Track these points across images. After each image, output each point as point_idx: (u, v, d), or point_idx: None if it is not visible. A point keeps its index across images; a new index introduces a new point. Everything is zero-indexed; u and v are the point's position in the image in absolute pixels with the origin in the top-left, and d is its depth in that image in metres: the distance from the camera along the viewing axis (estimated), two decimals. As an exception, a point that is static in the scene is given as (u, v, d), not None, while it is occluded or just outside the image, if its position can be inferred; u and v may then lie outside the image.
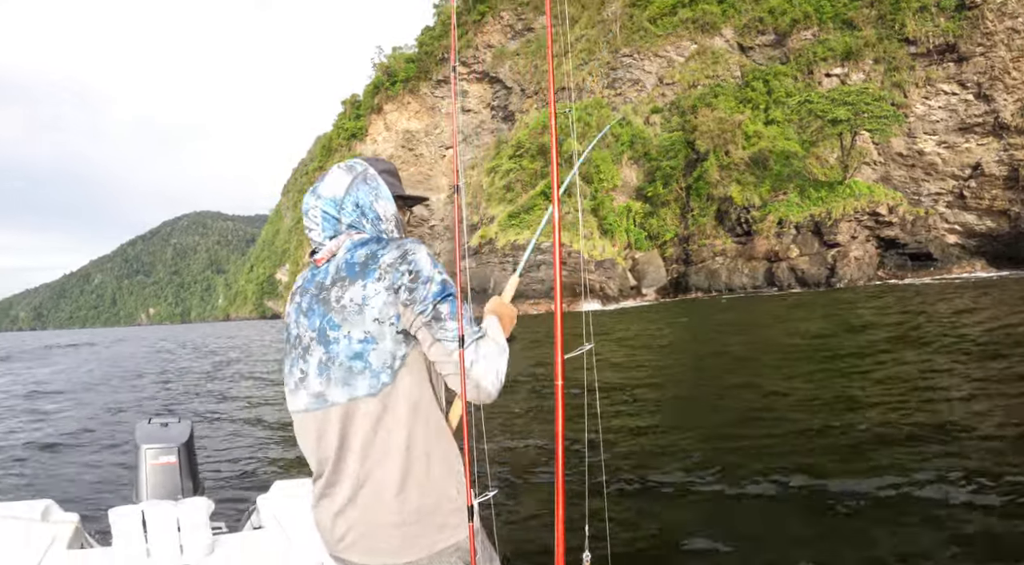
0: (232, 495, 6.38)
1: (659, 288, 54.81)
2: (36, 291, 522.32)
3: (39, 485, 6.85)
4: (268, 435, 9.83)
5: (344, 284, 1.55)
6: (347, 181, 1.69)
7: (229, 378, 18.31)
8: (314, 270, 1.69)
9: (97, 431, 9.87)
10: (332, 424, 1.54)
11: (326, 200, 1.68)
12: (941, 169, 52.16)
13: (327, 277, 1.61)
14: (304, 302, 1.64)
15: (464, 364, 1.46)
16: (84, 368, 24.58)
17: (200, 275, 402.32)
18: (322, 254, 1.66)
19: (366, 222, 1.68)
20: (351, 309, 1.52)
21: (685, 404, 9.16)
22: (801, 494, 5.15)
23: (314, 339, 1.58)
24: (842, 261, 46.71)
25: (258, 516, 3.54)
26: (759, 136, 55.46)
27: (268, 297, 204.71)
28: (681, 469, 6.15)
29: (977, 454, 5.69)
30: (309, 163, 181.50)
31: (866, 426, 6.89)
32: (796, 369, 11.11)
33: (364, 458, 1.52)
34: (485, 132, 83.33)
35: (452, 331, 1.48)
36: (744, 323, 21.90)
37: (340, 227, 1.67)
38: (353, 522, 1.53)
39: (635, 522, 4.96)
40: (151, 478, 3.34)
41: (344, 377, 1.52)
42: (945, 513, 4.52)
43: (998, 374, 9.14)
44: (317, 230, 1.69)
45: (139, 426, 3.62)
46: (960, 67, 50.97)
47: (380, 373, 1.50)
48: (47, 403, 13.23)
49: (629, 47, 69.06)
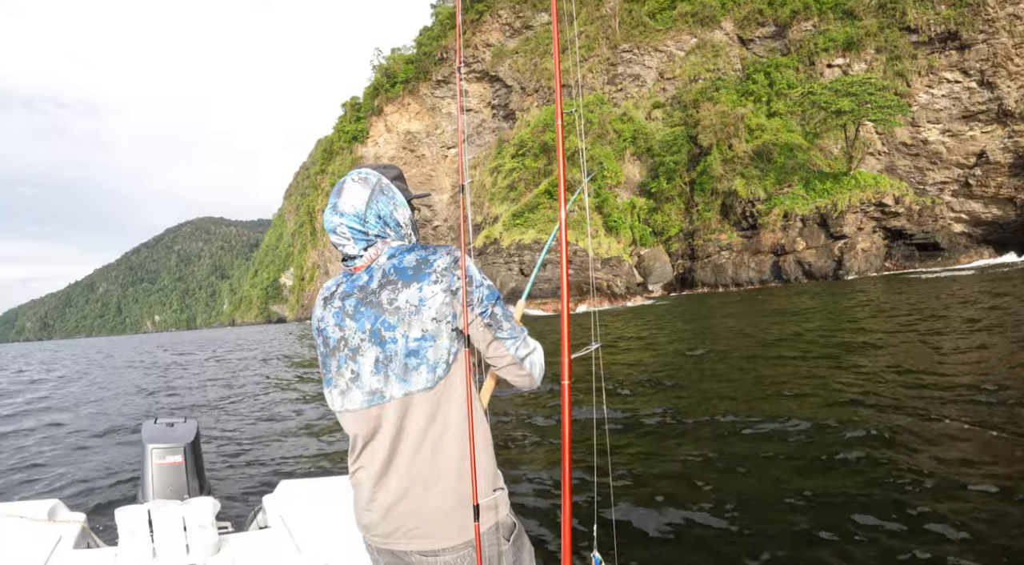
0: (238, 495, 6.40)
1: (665, 284, 54.60)
2: (42, 301, 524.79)
3: (45, 484, 6.76)
4: (274, 435, 9.78)
5: (396, 287, 1.64)
6: (366, 195, 1.76)
7: (235, 378, 18.22)
8: (349, 276, 1.77)
9: (104, 430, 9.77)
10: (389, 418, 1.64)
11: (349, 216, 1.74)
12: (946, 158, 51.84)
13: (372, 282, 1.69)
14: (348, 306, 1.72)
15: (523, 360, 1.69)
16: (92, 373, 24.51)
17: (205, 281, 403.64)
18: (362, 262, 1.74)
19: (389, 230, 1.77)
20: (407, 310, 1.61)
21: (693, 400, 8.98)
22: (816, 497, 4.95)
23: (365, 340, 1.66)
24: (849, 253, 46.41)
25: (264, 516, 3.61)
26: (762, 129, 55.22)
27: (273, 301, 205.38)
28: (690, 467, 6.05)
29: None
30: (311, 166, 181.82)
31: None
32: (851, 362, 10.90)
33: (420, 449, 1.62)
34: (486, 131, 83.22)
35: (508, 330, 1.67)
36: (778, 314, 21.69)
37: (369, 238, 1.75)
38: (410, 512, 1.63)
39: (643, 523, 4.90)
40: (157, 478, 3.36)
41: (401, 373, 1.62)
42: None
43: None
44: (350, 244, 1.75)
45: (145, 426, 3.64)
46: (962, 55, 50.63)
47: (436, 368, 1.61)
48: (53, 403, 13.15)
49: (629, 42, 68.88)
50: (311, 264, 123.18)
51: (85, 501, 6.13)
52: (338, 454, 8.35)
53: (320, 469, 7.49)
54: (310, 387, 15.61)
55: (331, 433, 9.75)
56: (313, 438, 9.47)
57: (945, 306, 18.14)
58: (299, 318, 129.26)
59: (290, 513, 3.37)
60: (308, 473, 7.20)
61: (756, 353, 12.97)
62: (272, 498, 3.64)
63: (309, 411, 11.96)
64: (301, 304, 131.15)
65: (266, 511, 3.57)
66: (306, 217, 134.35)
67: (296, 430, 10.27)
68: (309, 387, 15.62)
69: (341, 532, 3.14)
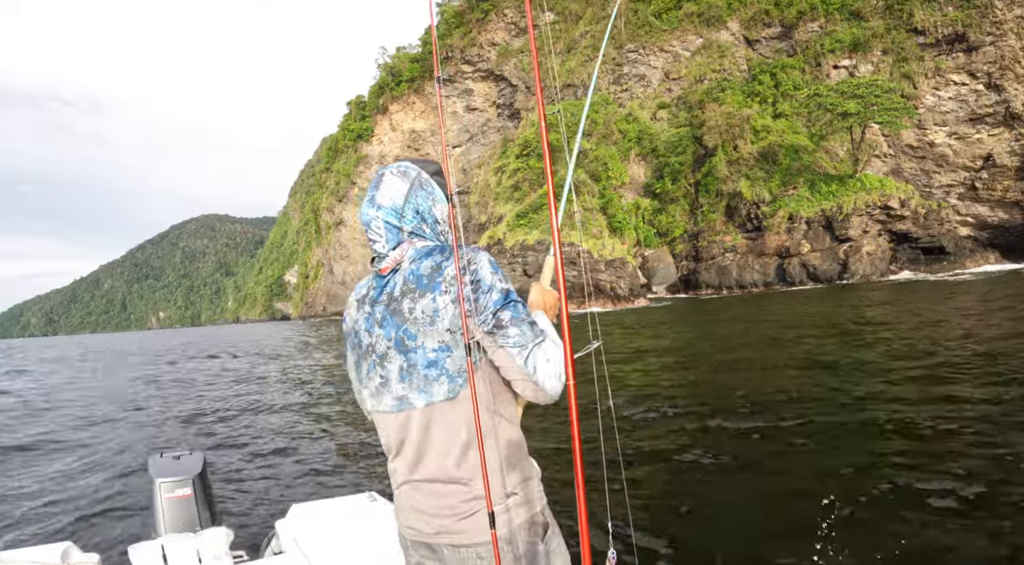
0: (249, 522, 6.34)
1: (669, 286, 54.47)
2: (47, 297, 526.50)
3: (55, 528, 6.68)
4: (281, 458, 9.67)
5: (414, 296, 1.62)
6: (405, 188, 1.74)
7: (237, 399, 18.16)
8: (379, 279, 1.74)
9: (108, 466, 9.67)
10: (414, 426, 1.65)
11: (386, 210, 1.73)
12: (952, 161, 51.61)
13: (395, 288, 1.67)
14: (377, 312, 1.71)
15: (527, 369, 1.57)
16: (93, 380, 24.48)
17: (209, 278, 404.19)
18: (386, 264, 1.71)
19: (426, 227, 1.75)
20: (423, 321, 1.59)
21: (700, 396, 8.92)
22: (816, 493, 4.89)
23: (391, 348, 1.66)
24: (854, 256, 46.20)
25: (278, 541, 3.58)
26: (768, 130, 55.06)
27: (277, 299, 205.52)
28: (700, 461, 6.10)
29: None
30: (316, 164, 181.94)
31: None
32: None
33: (446, 455, 1.63)
34: (491, 130, 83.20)
35: (514, 337, 1.57)
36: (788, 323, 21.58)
37: (402, 235, 1.72)
38: (441, 512, 1.65)
39: (657, 518, 4.98)
40: (168, 512, 3.34)
41: (422, 384, 1.61)
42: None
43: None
44: (381, 242, 1.73)
45: (152, 460, 3.66)
46: (970, 57, 50.41)
47: (456, 377, 1.59)
48: (50, 435, 13.01)
49: (634, 42, 68.76)
50: (315, 262, 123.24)
51: (98, 541, 6.03)
52: (348, 474, 8.28)
53: (331, 491, 7.42)
54: (313, 406, 15.55)
55: (339, 453, 9.67)
56: (321, 459, 9.38)
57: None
58: (303, 316, 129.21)
59: (304, 537, 3.36)
60: (318, 495, 7.12)
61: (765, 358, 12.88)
62: (284, 523, 3.63)
63: (315, 432, 11.88)
64: (305, 302, 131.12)
65: (279, 537, 3.56)
66: (311, 215, 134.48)
67: (302, 451, 10.19)
68: (312, 406, 15.56)
69: (357, 553, 3.13)
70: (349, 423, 12.78)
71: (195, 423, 14.64)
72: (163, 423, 13.86)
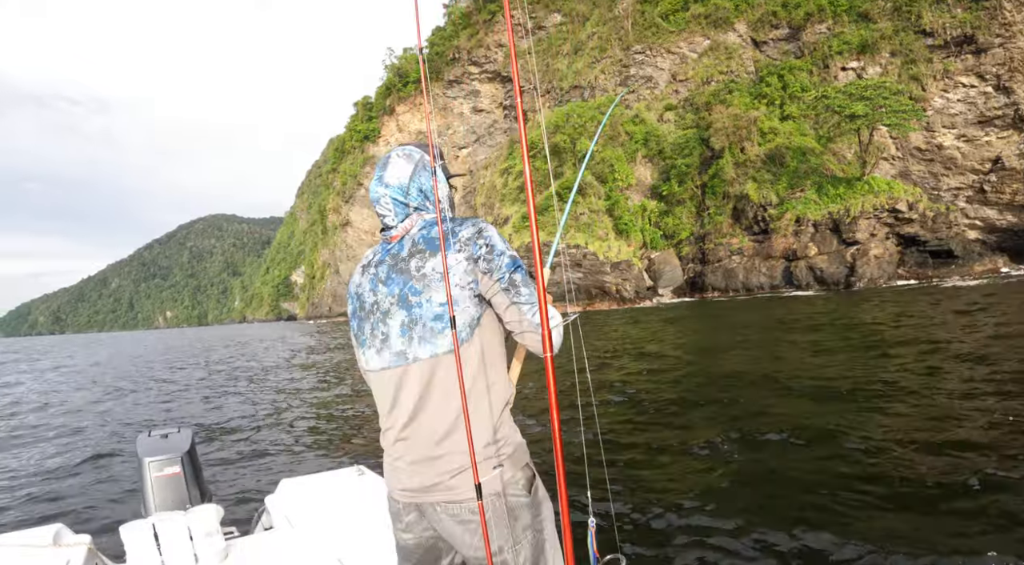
0: (239, 498, 6.41)
1: (675, 288, 54.35)
2: (55, 295, 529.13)
3: (46, 510, 6.70)
4: (269, 434, 9.78)
5: (424, 255, 1.77)
6: (409, 169, 1.89)
7: (227, 379, 18.21)
8: (386, 245, 1.89)
9: (97, 447, 9.70)
10: (413, 378, 1.76)
11: (393, 188, 1.88)
12: (961, 163, 51.31)
13: (403, 250, 1.82)
14: (382, 272, 1.85)
15: (536, 322, 1.71)
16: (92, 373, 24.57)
17: (216, 278, 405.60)
18: (397, 231, 1.87)
19: (429, 203, 1.90)
20: (432, 277, 1.74)
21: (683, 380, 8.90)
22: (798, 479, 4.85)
23: (394, 304, 1.80)
24: (861, 259, 45.90)
25: (268, 516, 3.64)
26: (775, 132, 54.87)
27: (284, 298, 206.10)
28: (679, 444, 6.12)
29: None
30: (323, 165, 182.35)
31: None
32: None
33: (440, 408, 1.74)
34: (498, 132, 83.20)
35: (526, 295, 1.73)
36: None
37: (408, 210, 1.88)
38: (432, 467, 1.75)
39: (633, 489, 5.24)
40: (157, 490, 3.36)
41: (428, 336, 1.73)
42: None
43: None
44: (390, 215, 1.89)
45: (140, 439, 3.62)
46: (978, 59, 50.11)
47: (461, 331, 1.71)
48: (41, 422, 13.05)
49: (641, 44, 68.65)
50: (322, 263, 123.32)
51: (88, 522, 6.05)
52: (335, 449, 8.34)
53: (319, 465, 7.49)
54: (303, 383, 15.57)
55: (327, 429, 9.74)
56: (309, 435, 9.45)
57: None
58: (310, 316, 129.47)
59: (294, 512, 3.40)
60: (307, 470, 7.16)
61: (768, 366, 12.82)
62: (274, 498, 3.67)
63: (302, 408, 11.94)
64: (312, 302, 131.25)
65: (269, 512, 3.61)
66: (318, 215, 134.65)
67: (291, 426, 10.25)
68: (302, 383, 15.59)
69: (347, 526, 3.17)
70: (336, 400, 12.82)
71: (178, 400, 14.68)
72: (149, 404, 13.96)
